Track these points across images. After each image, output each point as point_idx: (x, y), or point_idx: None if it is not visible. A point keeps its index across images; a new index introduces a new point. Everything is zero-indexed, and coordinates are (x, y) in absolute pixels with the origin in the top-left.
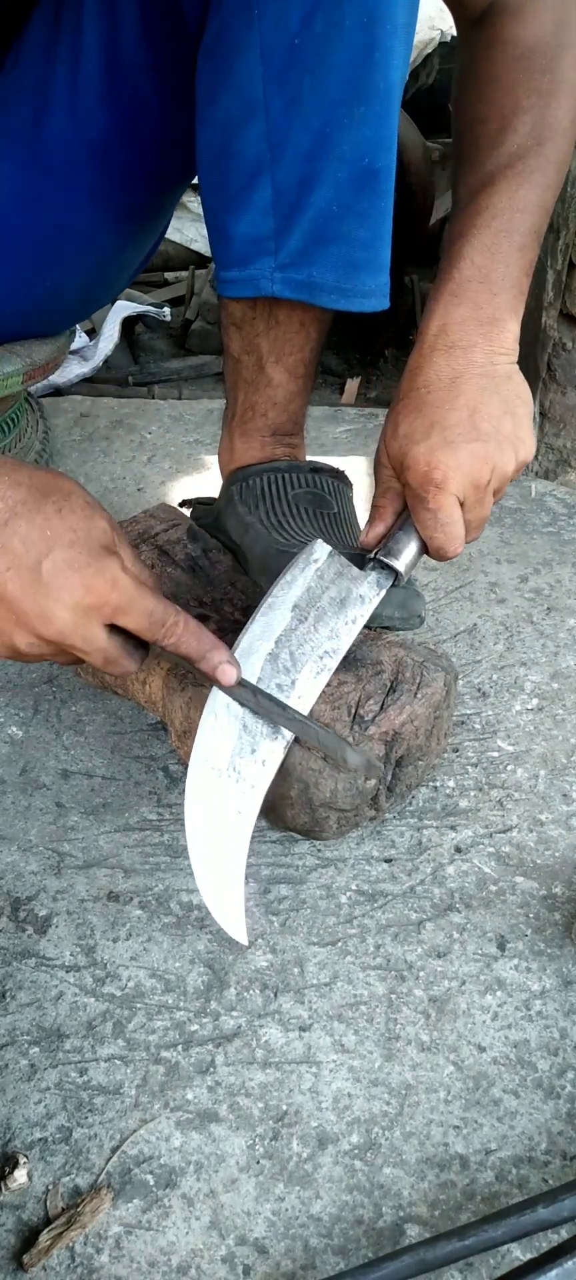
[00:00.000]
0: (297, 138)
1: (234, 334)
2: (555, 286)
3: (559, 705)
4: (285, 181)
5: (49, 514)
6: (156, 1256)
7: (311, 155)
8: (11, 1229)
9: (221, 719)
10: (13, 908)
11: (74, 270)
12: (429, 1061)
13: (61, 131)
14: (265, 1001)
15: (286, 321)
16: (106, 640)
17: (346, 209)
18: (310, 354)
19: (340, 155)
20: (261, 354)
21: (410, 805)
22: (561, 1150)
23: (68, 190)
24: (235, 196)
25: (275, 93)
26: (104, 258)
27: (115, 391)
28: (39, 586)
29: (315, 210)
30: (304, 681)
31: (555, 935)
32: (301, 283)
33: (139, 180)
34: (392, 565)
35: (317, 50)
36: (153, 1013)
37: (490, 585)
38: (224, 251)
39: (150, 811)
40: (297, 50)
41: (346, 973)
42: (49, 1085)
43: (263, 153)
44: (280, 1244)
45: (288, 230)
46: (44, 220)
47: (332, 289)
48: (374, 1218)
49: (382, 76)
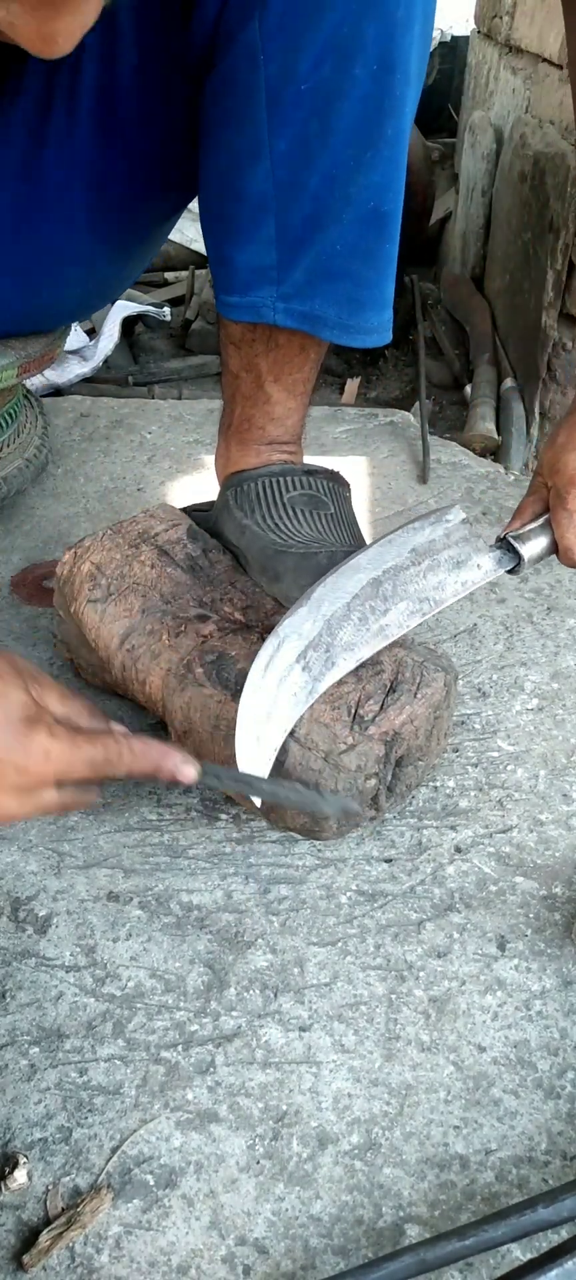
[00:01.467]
0: (303, 179)
1: (232, 351)
2: (555, 286)
3: (559, 705)
4: (289, 220)
5: None
6: (156, 1256)
7: (317, 195)
8: (11, 1229)
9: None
10: (13, 908)
11: (70, 286)
12: (429, 1061)
13: (59, 162)
14: (265, 1001)
15: (287, 345)
16: (59, 797)
17: (352, 249)
18: (309, 373)
19: (347, 197)
20: (260, 373)
21: (410, 805)
22: (561, 1150)
23: (65, 219)
24: (239, 230)
25: (280, 135)
26: (101, 275)
27: (115, 391)
28: None
29: (320, 247)
30: (396, 614)
31: (555, 935)
32: (304, 314)
33: (137, 208)
34: (518, 549)
35: (326, 96)
36: (153, 1013)
37: (490, 585)
38: (225, 276)
39: (150, 812)
40: (304, 95)
41: (346, 973)
42: (49, 1085)
43: (267, 192)
44: (280, 1244)
45: (291, 263)
46: (41, 247)
47: (335, 324)
48: (374, 1218)
49: (392, 124)
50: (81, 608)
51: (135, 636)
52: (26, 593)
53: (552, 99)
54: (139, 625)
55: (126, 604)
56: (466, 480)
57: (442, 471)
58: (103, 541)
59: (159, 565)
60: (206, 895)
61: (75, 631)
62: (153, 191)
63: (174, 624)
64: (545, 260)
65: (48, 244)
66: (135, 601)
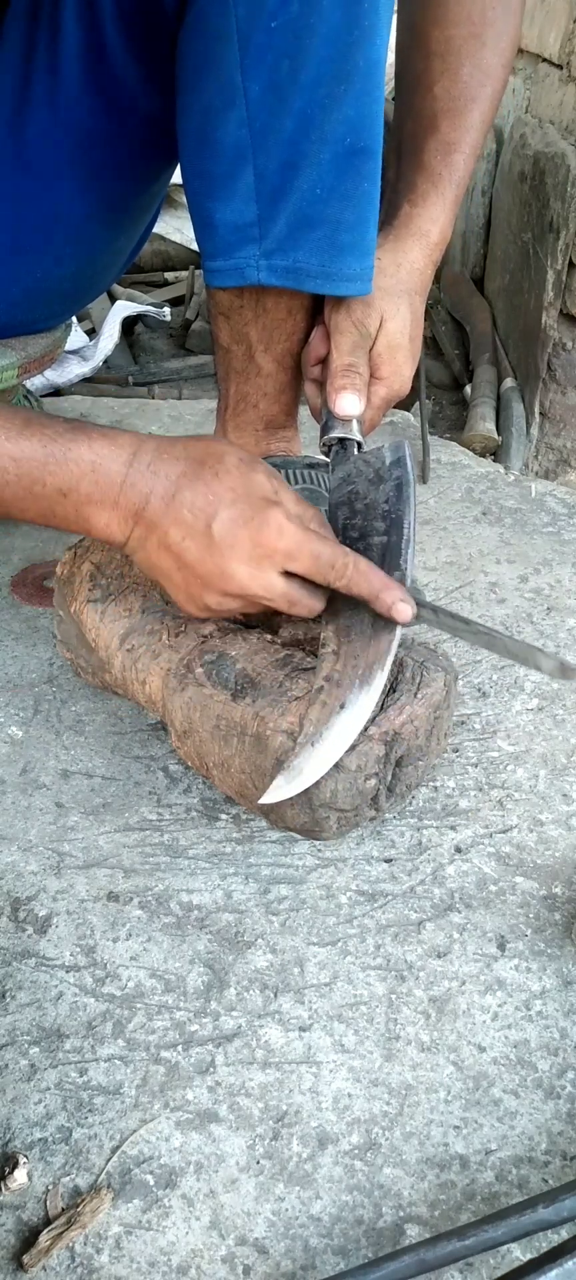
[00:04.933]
0: (278, 122)
1: (223, 324)
2: (555, 286)
3: (559, 705)
4: (267, 167)
5: (208, 479)
6: (156, 1257)
7: (293, 139)
8: (11, 1229)
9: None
10: (13, 908)
11: (64, 261)
12: (429, 1061)
13: (44, 124)
14: (265, 1001)
15: (274, 309)
16: (285, 585)
17: (331, 191)
18: (298, 343)
19: (322, 136)
20: (251, 343)
21: (410, 805)
22: (561, 1150)
23: (53, 182)
24: (218, 184)
25: (253, 77)
26: (94, 247)
27: (115, 391)
28: (213, 548)
29: (299, 194)
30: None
31: (555, 935)
32: (287, 269)
33: (124, 168)
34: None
35: (295, 32)
36: (153, 1013)
37: (490, 585)
38: (209, 240)
39: (150, 812)
40: (274, 33)
41: (346, 973)
42: (49, 1085)
43: (243, 139)
44: (280, 1244)
45: (272, 216)
46: (31, 213)
47: (318, 273)
48: (374, 1218)
49: (363, 54)
50: (81, 607)
51: (135, 636)
52: (26, 593)
53: (552, 99)
54: (139, 625)
55: (126, 604)
56: (466, 480)
57: (442, 471)
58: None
59: None
60: (206, 895)
61: (75, 631)
62: (139, 148)
63: (174, 624)
64: (545, 260)
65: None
66: (135, 601)
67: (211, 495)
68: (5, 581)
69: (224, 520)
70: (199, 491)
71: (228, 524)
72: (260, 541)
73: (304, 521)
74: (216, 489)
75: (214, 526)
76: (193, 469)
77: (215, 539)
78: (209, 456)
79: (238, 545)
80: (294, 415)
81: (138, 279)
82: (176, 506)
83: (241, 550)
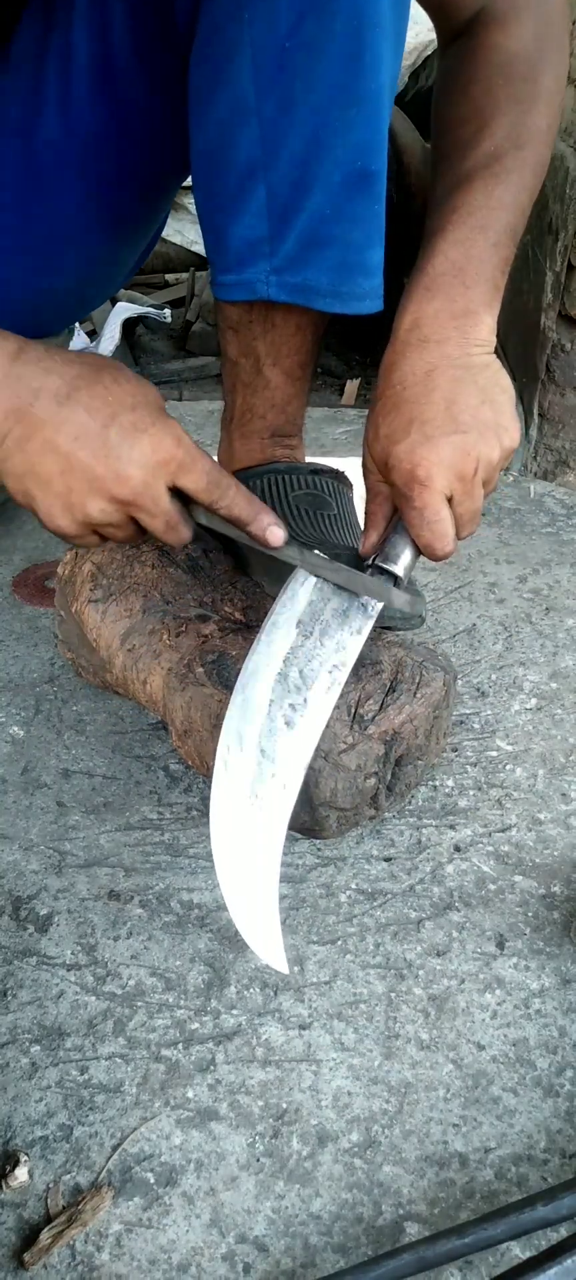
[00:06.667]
0: (290, 141)
1: (231, 337)
2: (554, 288)
3: (557, 705)
4: (279, 185)
5: (107, 383)
6: (157, 1254)
7: (304, 158)
8: (12, 1227)
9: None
10: (14, 906)
11: (68, 271)
12: (428, 1060)
13: (53, 134)
14: (265, 1000)
15: (283, 324)
16: (169, 503)
17: (340, 212)
18: (307, 356)
19: (333, 158)
20: (259, 357)
21: (409, 805)
22: (560, 1148)
23: (60, 193)
24: (230, 199)
25: (267, 96)
26: (98, 258)
27: None
28: (109, 450)
29: (309, 213)
30: (316, 697)
31: (554, 934)
32: (296, 286)
33: (131, 181)
34: (391, 570)
35: (308, 54)
36: (153, 1011)
37: (489, 585)
38: (220, 255)
39: (151, 811)
40: (288, 54)
41: (346, 971)
42: (50, 1083)
43: (255, 156)
44: (280, 1242)
45: (282, 234)
46: (37, 222)
47: (327, 292)
48: (373, 1215)
49: (372, 80)
50: (83, 608)
51: (136, 636)
52: (27, 593)
53: None
54: (140, 625)
55: (127, 604)
56: None
57: None
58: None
59: (160, 565)
60: (207, 894)
61: (76, 631)
62: (146, 162)
63: (175, 624)
64: (544, 262)
65: (44, 220)
66: (136, 601)
67: (111, 398)
68: (7, 582)
69: (123, 423)
70: (97, 394)
71: (128, 427)
72: (159, 447)
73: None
74: (116, 393)
75: (111, 430)
76: (90, 373)
77: (111, 441)
78: (106, 366)
79: (136, 449)
80: (300, 424)
81: (138, 280)
82: (72, 406)
83: (140, 454)
